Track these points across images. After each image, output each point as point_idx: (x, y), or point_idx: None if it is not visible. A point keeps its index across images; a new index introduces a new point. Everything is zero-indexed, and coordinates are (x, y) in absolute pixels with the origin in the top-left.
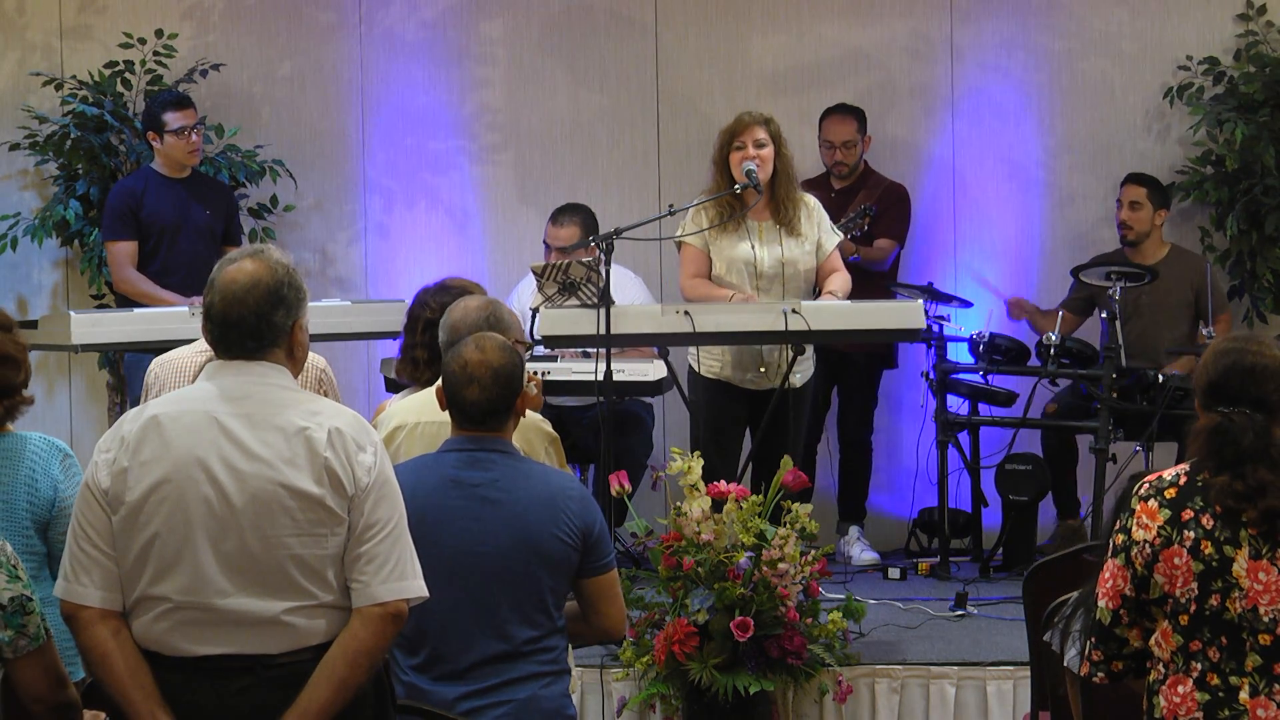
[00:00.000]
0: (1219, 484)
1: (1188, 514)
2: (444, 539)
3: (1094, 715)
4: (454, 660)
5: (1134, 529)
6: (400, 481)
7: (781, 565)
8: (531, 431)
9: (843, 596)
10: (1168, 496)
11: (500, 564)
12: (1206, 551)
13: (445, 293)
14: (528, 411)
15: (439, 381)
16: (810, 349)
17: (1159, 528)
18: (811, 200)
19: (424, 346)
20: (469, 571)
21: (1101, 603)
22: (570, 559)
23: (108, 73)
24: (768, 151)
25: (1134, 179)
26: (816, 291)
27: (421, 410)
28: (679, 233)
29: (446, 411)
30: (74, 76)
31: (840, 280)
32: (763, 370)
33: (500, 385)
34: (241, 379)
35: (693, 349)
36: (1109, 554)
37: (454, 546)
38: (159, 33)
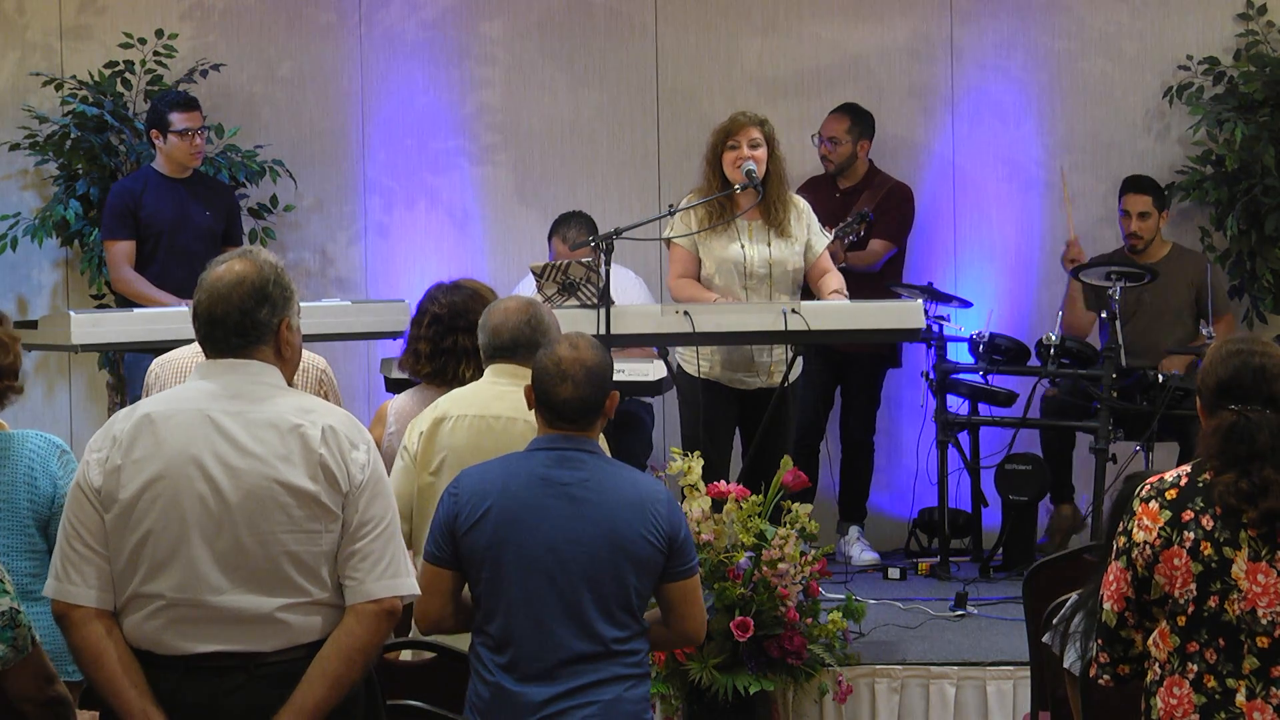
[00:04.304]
0: (1224, 482)
1: (1188, 515)
2: (534, 537)
3: (1094, 717)
4: (542, 659)
5: (1135, 531)
6: (491, 478)
7: (781, 565)
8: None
9: (843, 596)
10: (1169, 498)
11: (589, 563)
12: (1206, 552)
13: (457, 291)
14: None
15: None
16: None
17: (1159, 529)
18: (801, 202)
19: (427, 340)
20: (558, 570)
21: (1107, 605)
22: (657, 561)
23: (108, 73)
24: (761, 153)
25: (1136, 187)
26: (806, 292)
27: (470, 404)
28: (669, 232)
29: (533, 411)
30: (74, 76)
31: (837, 280)
32: (753, 371)
33: (594, 384)
34: (233, 377)
35: (682, 348)
36: (1112, 556)
37: (543, 545)
38: (159, 33)
